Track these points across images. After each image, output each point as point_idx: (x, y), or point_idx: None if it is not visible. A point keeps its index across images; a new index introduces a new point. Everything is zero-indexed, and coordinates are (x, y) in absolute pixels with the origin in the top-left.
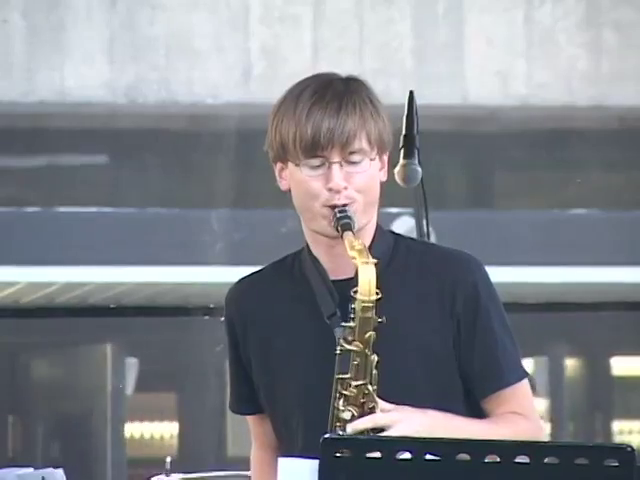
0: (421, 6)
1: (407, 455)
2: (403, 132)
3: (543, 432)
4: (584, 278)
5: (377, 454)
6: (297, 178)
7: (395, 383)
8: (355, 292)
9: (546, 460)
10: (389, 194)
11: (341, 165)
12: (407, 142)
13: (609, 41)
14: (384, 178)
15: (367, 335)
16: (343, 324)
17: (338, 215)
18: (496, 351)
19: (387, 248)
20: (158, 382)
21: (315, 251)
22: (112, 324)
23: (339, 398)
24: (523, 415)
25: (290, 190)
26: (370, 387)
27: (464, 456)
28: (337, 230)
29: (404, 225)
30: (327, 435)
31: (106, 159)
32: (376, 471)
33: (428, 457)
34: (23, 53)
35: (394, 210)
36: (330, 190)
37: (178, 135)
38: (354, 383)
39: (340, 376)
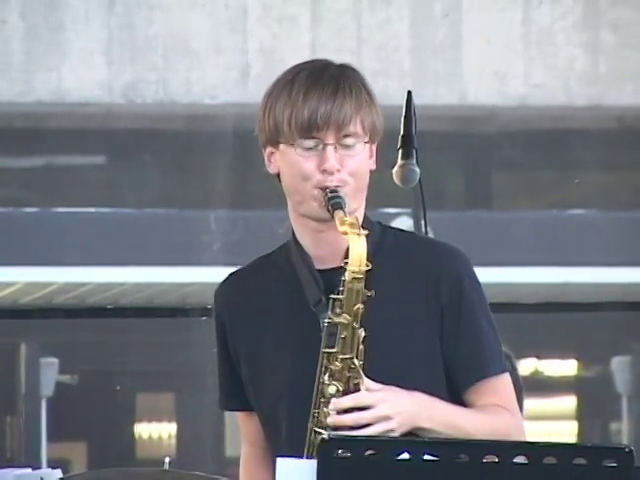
0: (419, 6)
1: (405, 455)
2: (401, 132)
3: (523, 426)
4: (583, 278)
5: (376, 454)
6: (289, 159)
7: (374, 366)
8: (346, 263)
9: (544, 460)
10: (387, 194)
11: (335, 147)
12: (405, 142)
13: (607, 41)
14: (373, 167)
15: (356, 307)
16: (332, 296)
17: (329, 195)
18: (480, 341)
19: (375, 237)
20: (156, 383)
21: (301, 239)
22: (110, 325)
23: (324, 372)
24: (506, 408)
25: (279, 174)
26: (356, 361)
27: (463, 456)
28: (328, 210)
29: (402, 225)
30: (326, 436)
31: (104, 159)
32: (374, 471)
33: (426, 457)
34: (21, 53)
35: (392, 210)
36: (324, 172)
37: (176, 135)
38: (340, 357)
39: (327, 350)
